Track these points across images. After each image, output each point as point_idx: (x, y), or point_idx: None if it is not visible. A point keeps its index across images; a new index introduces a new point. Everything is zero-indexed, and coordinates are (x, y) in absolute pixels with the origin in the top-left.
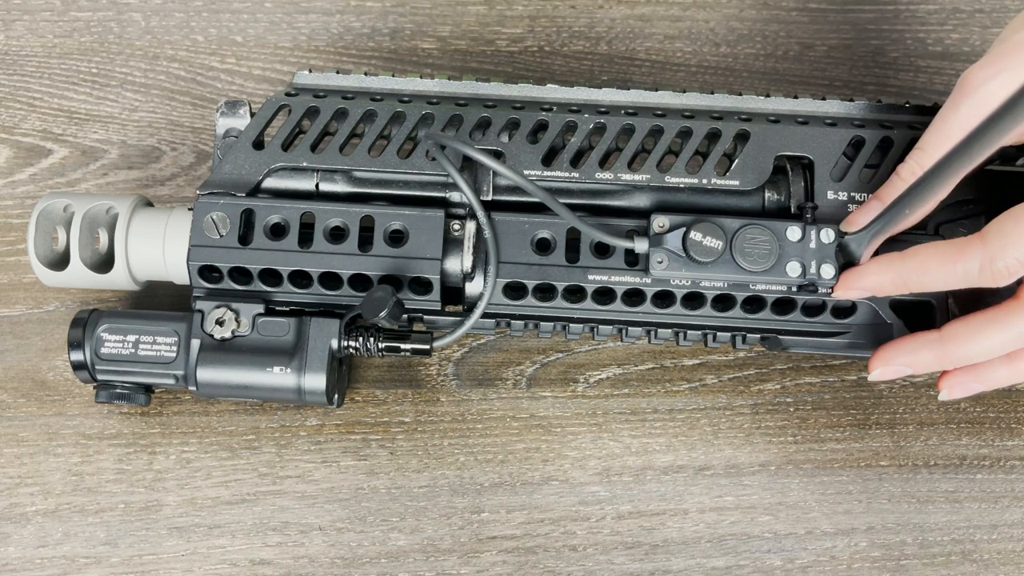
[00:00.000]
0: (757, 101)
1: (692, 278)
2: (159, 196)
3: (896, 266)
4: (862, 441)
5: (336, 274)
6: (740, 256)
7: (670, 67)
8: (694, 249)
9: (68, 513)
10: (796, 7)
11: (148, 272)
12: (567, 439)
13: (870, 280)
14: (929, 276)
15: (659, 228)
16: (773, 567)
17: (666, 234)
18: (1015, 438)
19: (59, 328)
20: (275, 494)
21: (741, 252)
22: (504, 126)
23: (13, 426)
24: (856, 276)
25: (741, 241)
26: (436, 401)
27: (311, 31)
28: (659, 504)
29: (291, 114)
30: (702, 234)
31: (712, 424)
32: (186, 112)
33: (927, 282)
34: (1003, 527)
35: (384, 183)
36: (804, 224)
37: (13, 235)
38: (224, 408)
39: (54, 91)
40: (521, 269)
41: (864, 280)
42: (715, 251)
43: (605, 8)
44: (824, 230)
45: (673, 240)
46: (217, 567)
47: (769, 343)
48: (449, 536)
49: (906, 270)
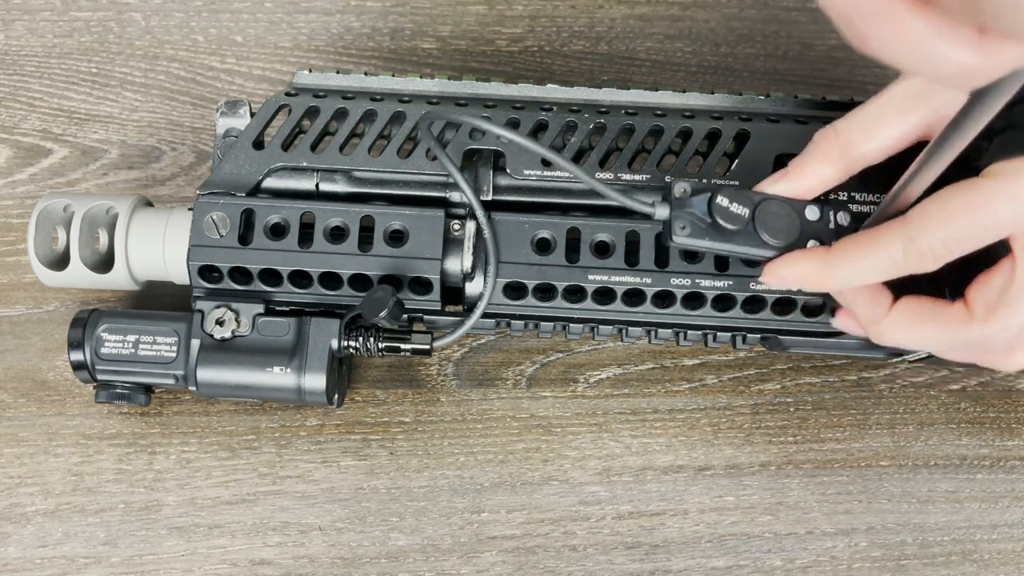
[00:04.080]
0: (757, 101)
1: (713, 249)
2: (159, 196)
3: (821, 258)
4: (862, 441)
5: (336, 274)
6: (763, 228)
7: (670, 67)
8: (721, 215)
9: (68, 513)
10: (796, 7)
11: (148, 272)
12: (567, 439)
13: (793, 269)
14: (854, 266)
15: (680, 193)
16: (773, 567)
17: (689, 199)
18: (1015, 438)
19: (59, 328)
20: (275, 494)
21: (764, 224)
22: (504, 126)
23: (13, 426)
24: (780, 263)
25: (764, 213)
26: (436, 401)
27: (311, 31)
28: (659, 504)
29: (291, 114)
30: (729, 199)
31: (712, 424)
32: (186, 112)
33: (853, 273)
34: (1003, 527)
35: (384, 183)
36: (822, 205)
37: (13, 235)
38: (224, 408)
39: (54, 91)
40: (521, 269)
41: (786, 268)
42: (741, 219)
43: (605, 8)
44: (841, 212)
45: (698, 204)
46: (217, 567)
47: (769, 343)
48: (449, 536)
49: (830, 261)
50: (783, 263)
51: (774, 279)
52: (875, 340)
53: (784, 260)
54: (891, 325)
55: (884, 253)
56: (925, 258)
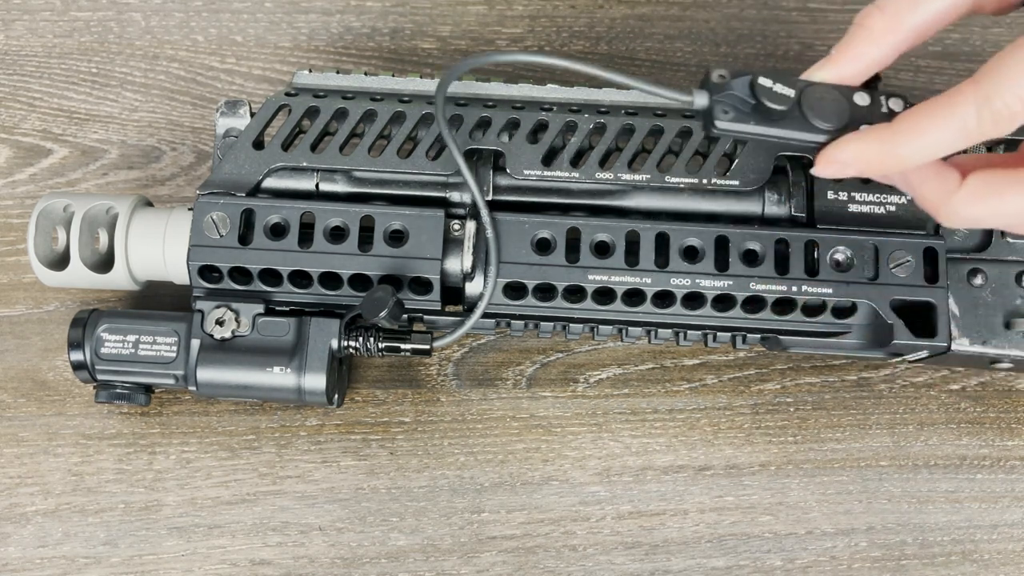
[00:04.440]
0: None
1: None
2: (159, 196)
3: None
4: (862, 441)
5: (336, 274)
6: (811, 112)
7: (670, 67)
8: (765, 95)
9: (68, 513)
10: (796, 7)
11: (148, 272)
12: (567, 439)
13: (853, 150)
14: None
15: (719, 79)
16: (773, 567)
17: (729, 82)
18: (1015, 438)
19: (59, 328)
20: (275, 494)
21: (811, 108)
22: (504, 126)
23: (13, 426)
24: (836, 147)
25: (810, 97)
26: (436, 401)
27: (311, 31)
28: (659, 504)
29: (291, 114)
30: (772, 80)
31: (712, 424)
32: (186, 112)
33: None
34: (1003, 527)
35: (384, 183)
36: (871, 91)
37: (13, 235)
38: (224, 408)
39: (54, 91)
40: (521, 269)
41: (845, 151)
42: (787, 99)
43: (605, 8)
44: (893, 99)
45: (739, 87)
46: (217, 567)
47: (769, 343)
48: (449, 536)
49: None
50: (840, 146)
51: (832, 165)
52: (947, 221)
53: (841, 143)
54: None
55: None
56: (1001, 119)
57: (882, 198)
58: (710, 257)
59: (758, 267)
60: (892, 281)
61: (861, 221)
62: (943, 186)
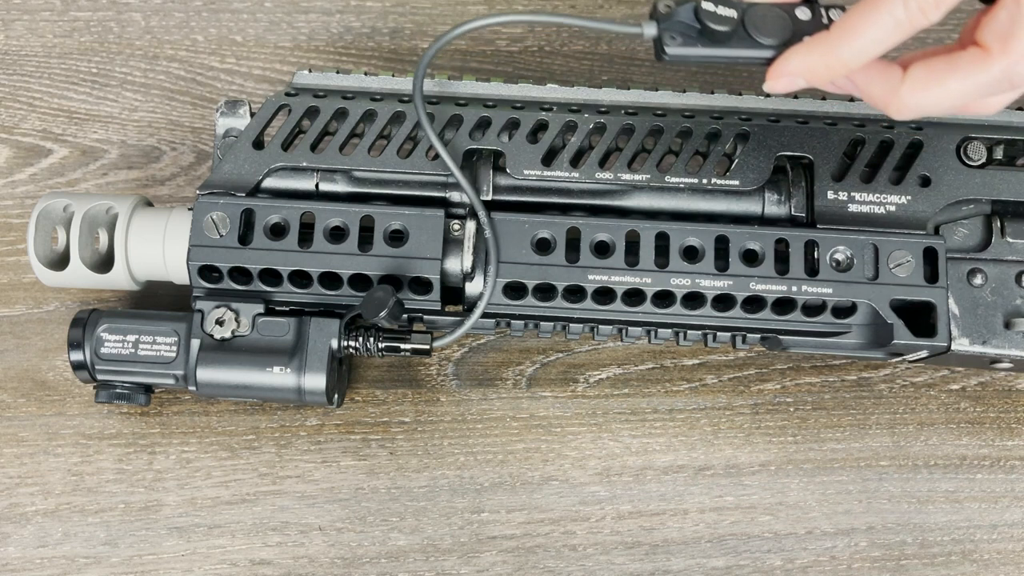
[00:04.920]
0: (757, 101)
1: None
2: (159, 196)
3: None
4: (862, 441)
5: (336, 274)
6: (754, 30)
7: (670, 67)
8: (709, 18)
9: (68, 513)
10: None
11: (148, 272)
12: (567, 439)
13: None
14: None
15: (665, 8)
16: (773, 567)
17: (675, 10)
18: (1015, 438)
19: (59, 328)
20: (275, 494)
21: (755, 26)
22: (504, 126)
23: (13, 426)
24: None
25: (753, 16)
26: (436, 401)
27: (311, 31)
28: (659, 504)
29: (291, 114)
30: (714, 3)
31: (712, 424)
32: (186, 112)
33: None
34: (1003, 527)
35: (384, 183)
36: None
37: (13, 235)
38: (224, 408)
39: (54, 91)
40: (521, 269)
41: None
42: (730, 20)
43: (605, 8)
44: (833, 9)
45: (685, 15)
46: (217, 567)
47: (769, 343)
48: (449, 536)
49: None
50: (786, 59)
51: (781, 79)
52: (897, 114)
53: (786, 56)
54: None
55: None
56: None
57: (882, 198)
58: (710, 257)
59: (758, 267)
60: (892, 281)
61: (861, 221)
62: (888, 82)
